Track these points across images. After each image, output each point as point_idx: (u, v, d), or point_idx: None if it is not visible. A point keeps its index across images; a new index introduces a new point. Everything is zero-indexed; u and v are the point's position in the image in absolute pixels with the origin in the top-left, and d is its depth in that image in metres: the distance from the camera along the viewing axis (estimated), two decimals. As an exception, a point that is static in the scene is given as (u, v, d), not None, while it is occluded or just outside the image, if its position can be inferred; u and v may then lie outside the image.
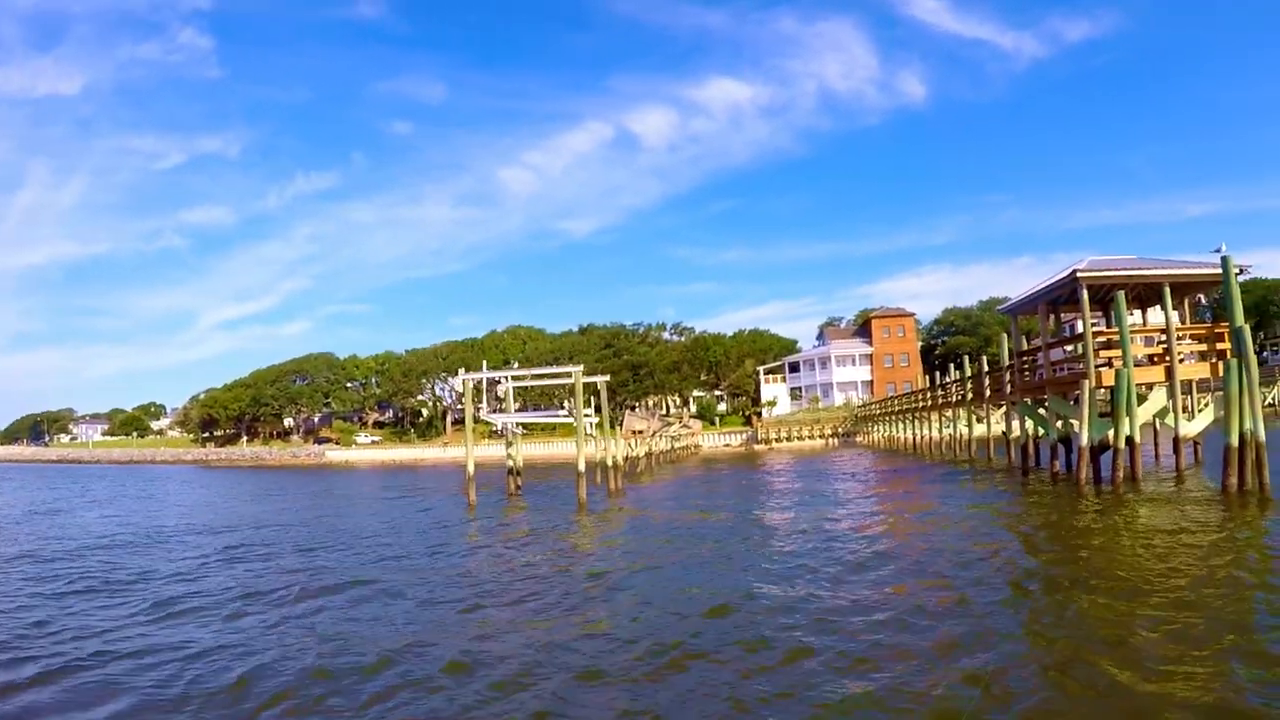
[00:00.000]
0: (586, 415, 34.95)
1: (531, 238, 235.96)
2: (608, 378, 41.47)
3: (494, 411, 40.17)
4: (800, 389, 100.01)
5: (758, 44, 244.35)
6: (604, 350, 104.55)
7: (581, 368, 32.76)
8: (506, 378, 38.09)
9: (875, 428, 71.18)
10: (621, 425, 48.78)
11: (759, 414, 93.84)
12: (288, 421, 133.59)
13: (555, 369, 46.68)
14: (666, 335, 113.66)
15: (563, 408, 61.44)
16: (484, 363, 53.37)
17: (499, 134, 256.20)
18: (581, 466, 27.72)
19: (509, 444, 35.31)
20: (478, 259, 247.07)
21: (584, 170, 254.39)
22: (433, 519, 26.97)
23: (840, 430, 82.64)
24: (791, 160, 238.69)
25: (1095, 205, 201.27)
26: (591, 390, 41.23)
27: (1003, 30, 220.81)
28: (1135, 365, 22.29)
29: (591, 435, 38.94)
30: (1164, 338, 23.08)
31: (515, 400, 38.34)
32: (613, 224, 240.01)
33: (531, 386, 63.08)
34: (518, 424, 37.66)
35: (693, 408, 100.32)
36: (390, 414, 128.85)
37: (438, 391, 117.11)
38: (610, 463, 33.82)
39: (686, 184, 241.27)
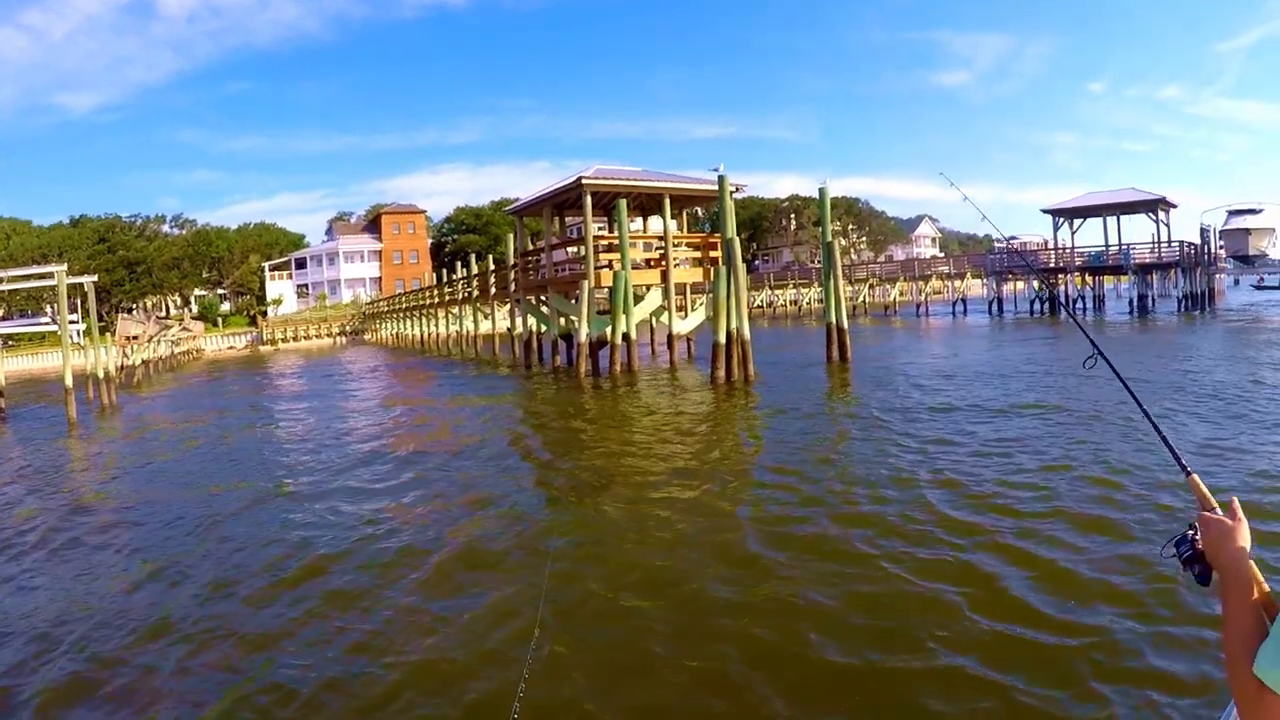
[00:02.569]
0: (73, 322, 28.53)
1: (23, 113, 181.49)
2: (95, 278, 34.08)
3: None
4: (308, 286, 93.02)
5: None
6: (98, 245, 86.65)
7: (64, 267, 27.13)
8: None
9: (384, 325, 68.78)
10: (115, 331, 41.73)
11: (264, 313, 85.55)
12: None
13: (33, 269, 37.49)
14: (166, 229, 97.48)
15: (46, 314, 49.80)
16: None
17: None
18: (69, 380, 23.14)
19: None
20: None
21: (91, 37, 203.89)
22: None
23: (349, 329, 79.48)
24: (318, 46, 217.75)
25: (615, 119, 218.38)
26: (79, 292, 35.45)
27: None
28: (634, 268, 23.00)
29: (79, 344, 33.12)
30: (662, 244, 24.03)
31: None
32: (118, 100, 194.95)
33: (13, 291, 51.14)
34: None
35: (194, 308, 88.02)
36: None
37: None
38: (101, 374, 28.21)
39: (203, 60, 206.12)
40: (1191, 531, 1.67)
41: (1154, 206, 45.38)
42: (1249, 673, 1.34)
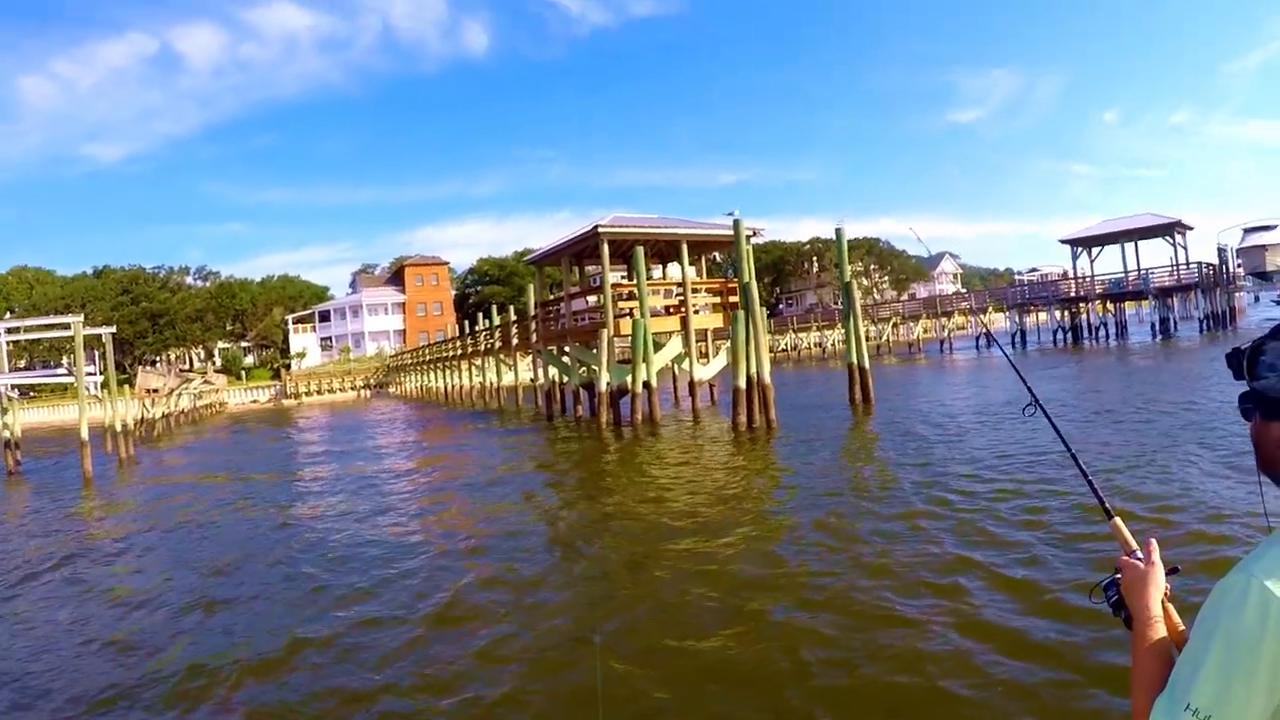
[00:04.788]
0: (90, 374, 30.40)
1: (51, 162, 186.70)
2: (114, 329, 34.71)
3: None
4: (331, 339, 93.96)
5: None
6: (121, 297, 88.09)
7: (81, 318, 28.10)
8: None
9: (408, 378, 69.19)
10: (135, 384, 42.36)
11: (288, 366, 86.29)
12: None
13: (50, 320, 38.32)
14: (190, 280, 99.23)
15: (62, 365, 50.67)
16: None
17: (24, 33, 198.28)
18: (85, 433, 23.27)
19: (3, 410, 28.31)
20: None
21: (119, 88, 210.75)
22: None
23: (373, 381, 79.79)
24: (343, 99, 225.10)
25: (639, 167, 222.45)
26: (98, 344, 35.57)
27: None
28: (653, 315, 23.13)
29: (97, 397, 33.48)
30: (681, 291, 24.15)
31: (21, 356, 30.48)
32: (145, 152, 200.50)
33: (35, 341, 52.60)
34: (13, 386, 31.33)
35: (218, 361, 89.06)
36: None
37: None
38: (119, 427, 28.65)
39: (229, 114, 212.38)
40: (1118, 575, 1.66)
41: (1171, 230, 45.17)
42: None
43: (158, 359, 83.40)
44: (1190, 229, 45.73)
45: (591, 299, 27.15)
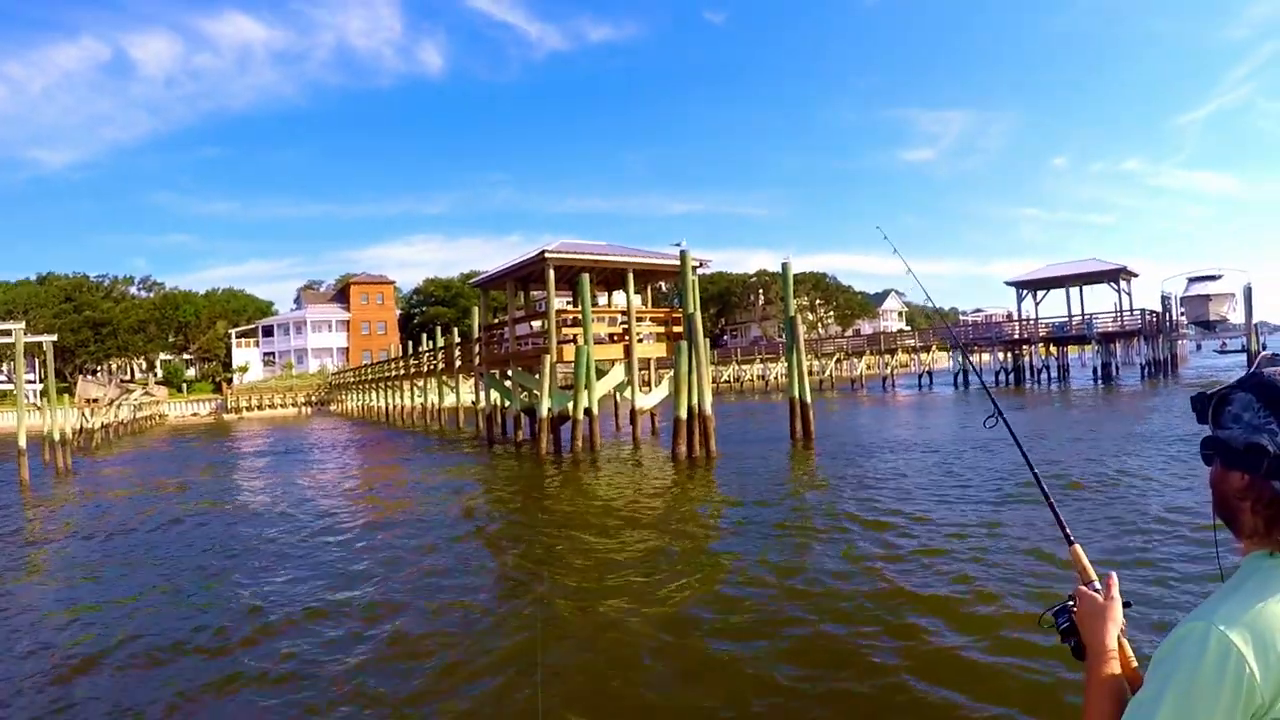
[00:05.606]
0: (29, 382, 28.06)
1: None
2: (55, 337, 33.27)
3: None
4: (274, 354, 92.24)
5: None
6: (64, 304, 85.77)
7: (22, 325, 26.73)
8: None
9: (350, 396, 68.00)
10: (76, 393, 41.51)
11: (229, 380, 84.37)
12: None
13: None
14: (134, 291, 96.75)
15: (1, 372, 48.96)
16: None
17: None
18: (23, 442, 23.20)
19: None
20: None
21: (69, 93, 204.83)
22: None
23: (315, 398, 78.62)
24: (293, 112, 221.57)
25: (588, 194, 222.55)
26: (38, 352, 33.62)
27: (531, 19, 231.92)
28: (597, 343, 22.98)
29: (35, 405, 33.01)
30: (625, 319, 24.01)
31: None
32: (92, 158, 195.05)
33: None
34: None
35: (159, 373, 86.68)
36: None
37: None
38: (58, 436, 27.85)
39: (180, 123, 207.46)
40: (1071, 603, 1.64)
41: (1115, 276, 46.48)
42: None
43: (99, 368, 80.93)
44: (1135, 275, 47.14)
45: (536, 324, 26.83)
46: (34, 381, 33.05)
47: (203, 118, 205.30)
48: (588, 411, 21.69)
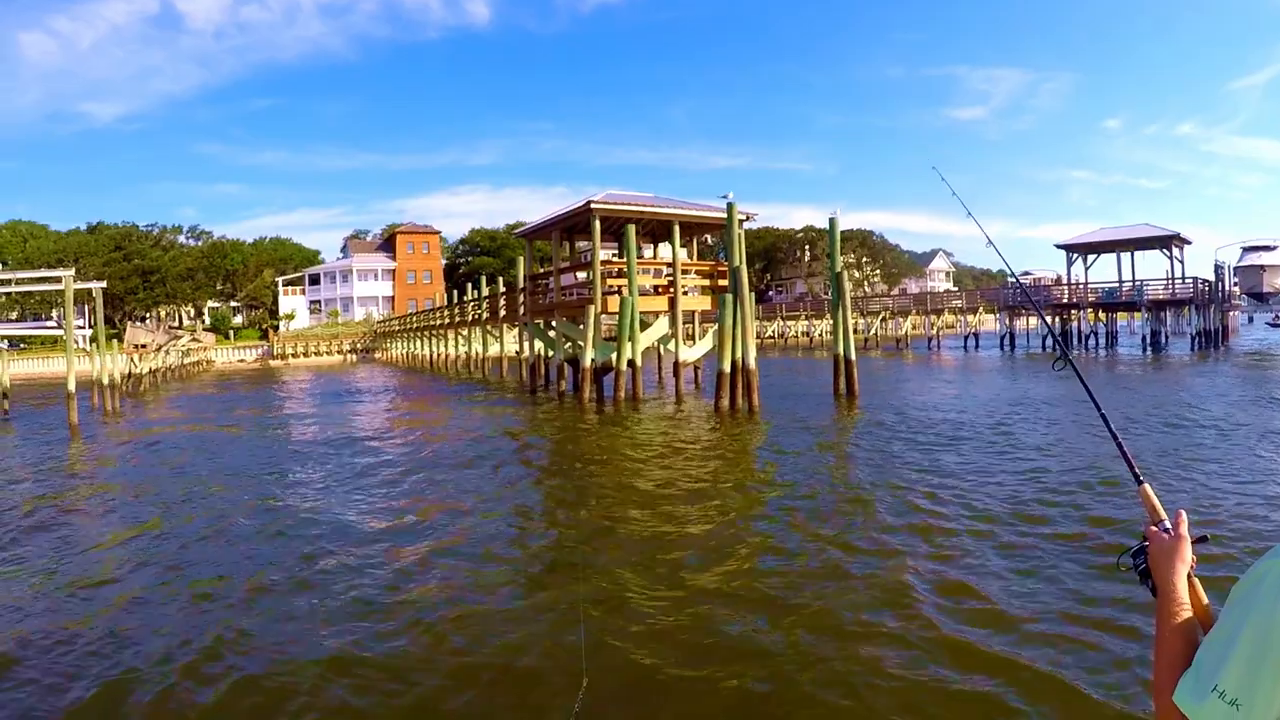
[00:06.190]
0: (79, 328, 29.45)
1: (48, 119, 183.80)
2: (104, 284, 34.60)
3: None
4: (320, 302, 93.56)
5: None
6: (114, 253, 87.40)
7: (72, 272, 27.13)
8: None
9: (395, 344, 68.93)
10: (124, 339, 42.47)
11: (276, 327, 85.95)
12: None
13: (42, 273, 38.20)
14: (183, 239, 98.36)
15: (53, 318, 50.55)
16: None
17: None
18: (72, 386, 23.49)
19: None
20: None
21: (119, 46, 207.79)
22: None
23: (360, 346, 79.65)
24: (341, 64, 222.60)
25: (633, 145, 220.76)
26: (88, 298, 35.18)
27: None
28: (642, 294, 22.97)
29: (85, 350, 34.12)
30: (671, 271, 23.94)
31: (12, 309, 30.84)
32: (142, 111, 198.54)
33: (27, 294, 51.74)
34: (2, 337, 30.81)
35: (207, 320, 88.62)
36: None
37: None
38: (106, 381, 28.70)
39: (228, 76, 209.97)
40: (1147, 543, 1.64)
41: (1168, 243, 45.07)
42: (1170, 702, 1.31)
43: (147, 315, 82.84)
44: (1188, 243, 45.66)
45: (581, 275, 26.89)
46: (84, 328, 33.99)
47: (252, 70, 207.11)
48: (631, 363, 21.81)
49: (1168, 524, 1.63)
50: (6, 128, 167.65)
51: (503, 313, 35.21)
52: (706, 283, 24.99)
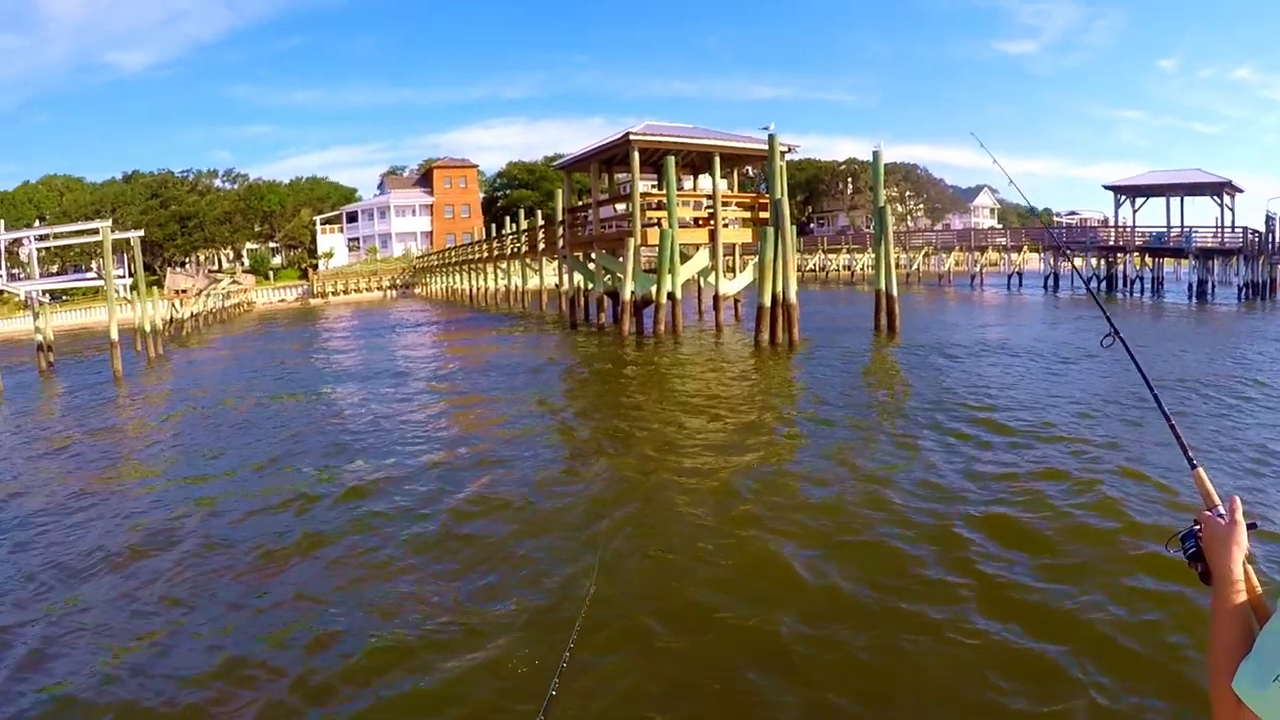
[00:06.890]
0: (119, 277, 31.49)
1: (77, 71, 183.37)
2: (142, 233, 35.54)
3: (14, 279, 34.84)
4: (359, 240, 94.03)
5: None
6: (150, 201, 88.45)
7: (109, 223, 28.01)
8: (30, 238, 34.23)
9: (434, 279, 69.37)
10: (164, 285, 43.80)
11: (315, 267, 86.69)
12: None
13: (79, 226, 39.19)
14: (219, 183, 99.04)
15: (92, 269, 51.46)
16: (-2, 222, 42.24)
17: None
18: (114, 334, 23.73)
19: (36, 314, 28.77)
20: (14, 97, 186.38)
21: None
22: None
23: (399, 282, 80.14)
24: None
25: (671, 76, 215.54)
26: (126, 247, 36.17)
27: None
28: (681, 227, 22.82)
29: (126, 299, 33.98)
30: (711, 203, 23.75)
31: (52, 262, 31.48)
32: (171, 57, 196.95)
33: (66, 246, 55.30)
34: (44, 291, 31.81)
35: (246, 262, 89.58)
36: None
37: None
38: (148, 328, 29.02)
39: (256, 17, 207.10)
40: (1198, 527, 1.63)
41: (1220, 190, 43.52)
42: (1228, 687, 1.30)
43: (186, 261, 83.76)
44: (1240, 191, 43.98)
45: (620, 207, 26.74)
46: (123, 277, 34.51)
47: (279, 9, 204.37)
48: (671, 295, 21.79)
49: (1221, 509, 1.61)
50: (38, 81, 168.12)
51: (541, 246, 35.25)
52: (747, 215, 24.78)
